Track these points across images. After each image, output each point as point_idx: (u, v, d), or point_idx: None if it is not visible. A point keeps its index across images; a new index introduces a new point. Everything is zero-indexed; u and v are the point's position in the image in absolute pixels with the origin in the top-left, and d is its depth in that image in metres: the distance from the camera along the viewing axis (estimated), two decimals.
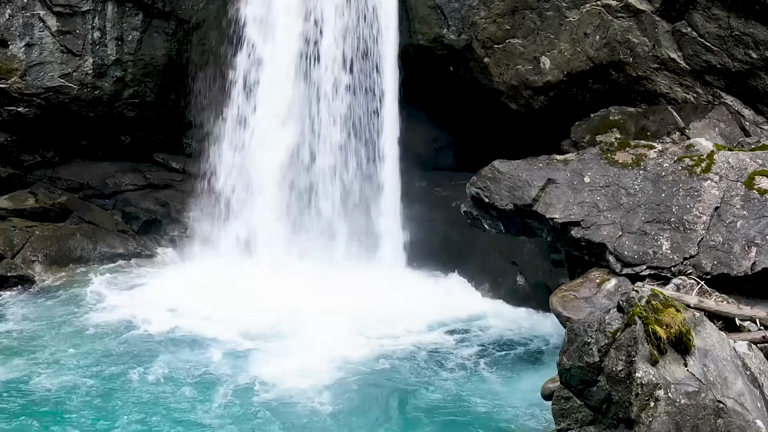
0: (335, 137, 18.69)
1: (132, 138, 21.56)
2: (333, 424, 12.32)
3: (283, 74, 18.90)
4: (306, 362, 14.08)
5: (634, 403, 9.06)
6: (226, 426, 12.06)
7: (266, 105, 19.05)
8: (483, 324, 16.28)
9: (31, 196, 19.83)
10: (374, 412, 12.83)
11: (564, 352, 9.77)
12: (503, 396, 13.20)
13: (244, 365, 14.19)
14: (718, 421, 9.26)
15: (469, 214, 14.48)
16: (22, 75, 20.00)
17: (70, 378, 13.56)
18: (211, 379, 13.67)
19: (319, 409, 12.70)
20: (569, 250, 13.70)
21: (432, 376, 14.05)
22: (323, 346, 14.59)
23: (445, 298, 17.35)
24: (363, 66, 18.62)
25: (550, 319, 15.56)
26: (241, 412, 12.47)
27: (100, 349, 14.76)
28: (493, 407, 12.81)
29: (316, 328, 15.27)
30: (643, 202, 12.92)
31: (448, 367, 14.48)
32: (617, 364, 9.22)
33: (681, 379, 9.27)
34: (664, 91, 16.14)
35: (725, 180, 12.71)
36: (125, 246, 19.54)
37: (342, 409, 12.75)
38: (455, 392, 13.46)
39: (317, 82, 18.77)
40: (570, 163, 13.61)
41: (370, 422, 12.50)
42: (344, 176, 18.55)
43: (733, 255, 12.11)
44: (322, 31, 18.38)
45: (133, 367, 13.98)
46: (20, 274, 17.64)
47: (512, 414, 12.51)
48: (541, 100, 17.68)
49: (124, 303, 16.89)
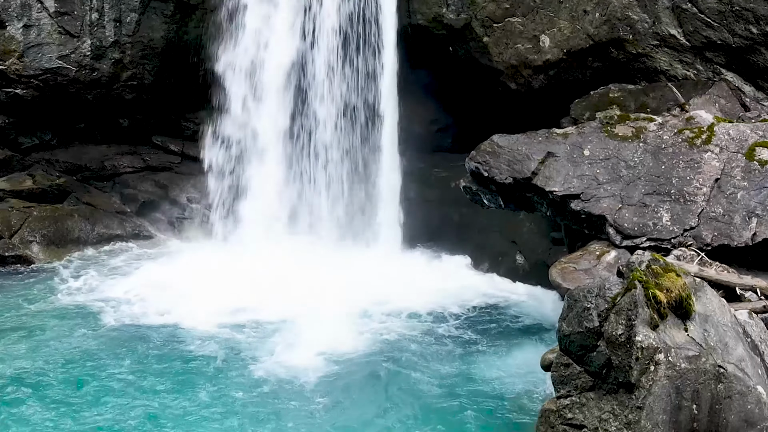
0: (332, 119, 18.61)
1: (130, 121, 21.42)
2: (330, 404, 12.23)
3: (281, 57, 18.79)
4: (302, 342, 14.01)
5: (634, 367, 8.99)
6: (216, 410, 11.89)
7: (264, 86, 18.96)
8: (482, 302, 16.25)
9: (29, 178, 19.74)
10: (373, 389, 12.80)
11: (563, 318, 9.69)
12: (503, 369, 13.19)
13: (234, 347, 14.08)
14: (719, 386, 9.21)
15: (468, 189, 14.41)
16: (20, 56, 19.85)
17: (45, 357, 13.45)
18: (202, 361, 13.55)
19: (318, 390, 12.62)
20: (569, 225, 13.64)
21: (431, 353, 14.01)
22: (319, 327, 14.47)
23: (443, 278, 17.29)
24: (362, 47, 18.53)
25: (550, 296, 15.58)
26: (232, 398, 12.28)
27: (84, 330, 14.69)
28: (493, 381, 12.82)
29: (312, 309, 15.17)
30: (643, 174, 12.86)
31: (447, 344, 14.46)
32: (617, 328, 9.13)
33: (681, 343, 9.21)
34: (664, 68, 16.07)
35: (726, 151, 12.65)
36: (123, 227, 19.48)
37: (340, 389, 12.70)
38: (454, 368, 13.46)
39: (315, 63, 18.68)
40: (570, 137, 13.54)
41: (369, 399, 12.45)
42: (342, 157, 18.45)
43: (734, 226, 12.06)
44: (322, 2, 18.24)
45: (115, 349, 13.80)
46: (18, 254, 17.60)
47: (512, 386, 12.52)
48: (541, 79, 17.61)
49: (119, 283, 16.86)
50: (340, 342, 14.12)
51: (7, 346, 13.86)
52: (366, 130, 18.67)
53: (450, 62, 18.80)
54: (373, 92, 18.67)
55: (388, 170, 18.60)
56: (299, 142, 18.49)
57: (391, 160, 18.64)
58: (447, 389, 12.68)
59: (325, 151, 18.49)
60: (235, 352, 13.90)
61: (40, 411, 11.68)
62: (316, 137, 18.53)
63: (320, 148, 18.48)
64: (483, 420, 11.71)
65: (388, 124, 18.70)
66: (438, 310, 15.84)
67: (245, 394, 12.34)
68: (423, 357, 13.85)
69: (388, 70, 18.66)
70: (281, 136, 18.51)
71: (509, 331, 14.98)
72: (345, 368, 13.30)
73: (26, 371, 12.89)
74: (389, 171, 18.59)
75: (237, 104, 18.83)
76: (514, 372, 13.14)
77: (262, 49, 18.95)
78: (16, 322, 14.98)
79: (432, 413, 11.92)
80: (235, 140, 18.84)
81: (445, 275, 17.42)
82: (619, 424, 9.06)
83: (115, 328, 14.83)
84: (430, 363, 13.62)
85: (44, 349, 13.74)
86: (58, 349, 13.74)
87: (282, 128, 18.48)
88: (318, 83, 18.60)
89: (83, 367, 13.14)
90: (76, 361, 13.34)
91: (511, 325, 15.23)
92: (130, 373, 12.96)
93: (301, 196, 18.73)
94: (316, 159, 18.50)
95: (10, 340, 14.11)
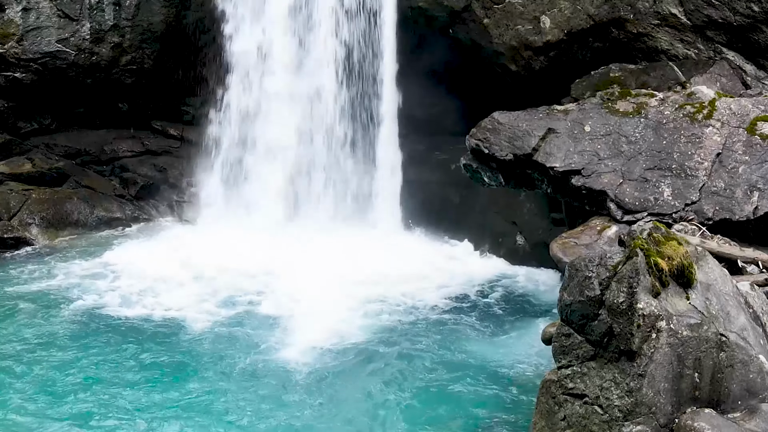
0: (332, 101, 18.58)
1: (130, 105, 21.38)
2: (327, 386, 12.12)
3: (279, 39, 18.75)
4: (299, 324, 13.94)
5: (636, 335, 8.91)
6: (206, 397, 11.71)
7: (264, 70, 18.92)
8: (483, 282, 16.22)
9: (28, 162, 19.72)
10: (372, 370, 12.68)
11: (564, 288, 9.61)
12: (504, 346, 13.19)
13: (228, 329, 13.95)
14: (721, 354, 9.14)
15: (468, 167, 14.36)
16: (19, 40, 19.81)
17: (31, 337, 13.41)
18: (193, 345, 13.40)
19: (314, 372, 12.50)
20: (569, 202, 13.60)
21: (431, 333, 13.97)
22: (317, 308, 14.46)
23: (444, 259, 17.28)
24: (362, 30, 18.49)
25: (551, 275, 15.56)
26: (229, 378, 12.17)
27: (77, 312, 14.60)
28: (493, 357, 12.79)
29: (310, 290, 15.15)
30: (644, 149, 12.82)
31: (447, 323, 14.43)
32: (618, 296, 9.05)
33: (683, 311, 9.13)
34: (665, 47, 16.01)
35: (727, 126, 12.60)
36: (123, 210, 19.44)
37: (337, 370, 12.61)
38: (455, 346, 13.43)
39: (314, 46, 18.66)
40: (570, 113, 13.49)
41: (368, 381, 12.34)
42: (342, 138, 18.42)
43: (735, 200, 12.01)
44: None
45: (99, 334, 13.62)
46: (16, 235, 17.57)
47: (513, 361, 12.51)
48: (541, 60, 17.54)
49: (116, 265, 16.77)
50: (338, 323, 14.06)
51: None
52: (366, 113, 18.61)
53: (450, 45, 18.72)
54: (374, 76, 18.62)
55: (389, 152, 18.55)
56: (299, 119, 18.43)
57: (392, 143, 18.59)
58: (447, 369, 12.60)
59: (325, 134, 18.44)
60: (229, 335, 13.75)
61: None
62: (317, 120, 18.49)
63: (321, 132, 18.42)
64: (484, 396, 11.68)
65: (388, 107, 18.65)
66: (438, 291, 15.77)
67: (237, 379, 12.19)
68: (423, 337, 13.79)
69: (388, 52, 18.62)
70: (282, 116, 18.44)
71: (510, 311, 14.94)
72: (343, 350, 13.20)
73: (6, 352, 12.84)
74: (389, 153, 18.55)
75: (237, 85, 18.74)
76: (515, 350, 13.11)
77: (260, 33, 18.93)
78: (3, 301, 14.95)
79: (432, 392, 11.88)
80: (235, 120, 18.77)
81: (445, 257, 17.41)
82: (621, 392, 8.98)
83: (104, 312, 14.59)
84: (430, 343, 13.55)
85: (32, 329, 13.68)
86: (44, 330, 13.66)
87: (281, 110, 18.42)
88: (318, 66, 18.57)
89: (66, 348, 13.04)
90: (57, 342, 13.24)
91: (511, 305, 15.18)
92: (114, 357, 12.75)
93: (301, 178, 18.66)
94: (317, 139, 18.44)
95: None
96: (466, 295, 15.65)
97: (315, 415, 11.20)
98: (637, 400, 8.77)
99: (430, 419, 11.10)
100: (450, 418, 11.16)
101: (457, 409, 11.37)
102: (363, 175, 18.64)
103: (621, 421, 8.78)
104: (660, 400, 8.79)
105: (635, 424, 8.72)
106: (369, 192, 18.53)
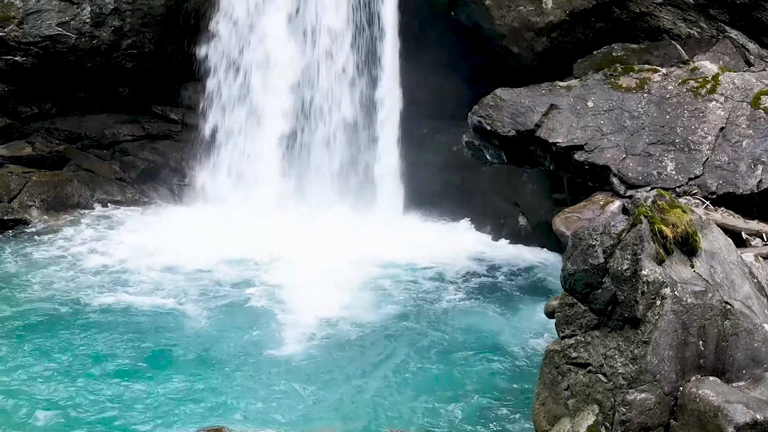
0: (333, 84, 18.54)
1: (130, 90, 21.29)
2: (328, 362, 12.12)
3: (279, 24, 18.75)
4: (299, 304, 13.90)
5: (640, 302, 8.85)
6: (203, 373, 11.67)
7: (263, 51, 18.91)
8: (485, 263, 16.22)
9: (29, 145, 19.67)
10: (373, 346, 12.72)
11: (568, 257, 9.55)
12: (506, 323, 13.23)
13: (228, 310, 13.91)
14: (726, 322, 9.09)
15: (470, 144, 14.31)
16: (20, 23, 19.72)
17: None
18: (190, 322, 13.41)
19: (316, 350, 12.50)
20: (572, 178, 13.55)
21: (433, 312, 13.99)
22: (319, 289, 14.40)
23: (446, 241, 17.25)
24: (363, 11, 18.44)
25: (553, 255, 15.54)
26: (228, 359, 12.09)
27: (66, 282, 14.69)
28: (495, 332, 12.87)
29: (311, 273, 15.10)
30: (648, 124, 12.77)
31: (449, 301, 14.45)
32: (622, 263, 9.00)
33: (687, 278, 9.08)
34: (668, 26, 15.93)
35: (731, 100, 12.54)
36: (123, 193, 19.41)
37: (340, 347, 12.61)
38: (457, 322, 13.48)
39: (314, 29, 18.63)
40: (573, 89, 13.45)
41: (369, 356, 12.38)
42: (341, 120, 18.39)
43: (739, 174, 11.97)
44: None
45: (99, 315, 13.55)
46: (17, 217, 17.50)
47: (515, 337, 12.55)
48: (543, 41, 17.43)
49: (115, 244, 16.76)
50: (339, 303, 14.04)
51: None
52: (367, 96, 18.57)
53: (452, 27, 18.65)
54: (374, 59, 18.58)
55: (390, 135, 18.49)
56: (299, 102, 18.38)
57: (393, 126, 18.54)
58: (449, 343, 12.68)
59: (326, 113, 18.40)
60: (225, 316, 13.70)
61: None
62: (317, 101, 18.44)
63: (321, 112, 18.37)
64: (486, 370, 11.75)
65: (389, 90, 18.61)
66: (440, 272, 15.79)
67: (234, 357, 12.15)
68: (425, 315, 13.84)
69: (390, 35, 18.57)
70: (281, 97, 18.39)
71: (512, 290, 14.94)
72: (345, 328, 13.20)
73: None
74: (391, 136, 18.49)
75: (236, 66, 18.73)
76: (517, 326, 13.12)
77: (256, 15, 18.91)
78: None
79: (433, 366, 11.92)
80: (235, 101, 18.73)
81: (447, 238, 17.40)
82: (625, 359, 8.93)
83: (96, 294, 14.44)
84: (432, 320, 13.60)
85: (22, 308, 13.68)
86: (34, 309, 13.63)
87: (282, 90, 18.37)
88: (319, 48, 18.53)
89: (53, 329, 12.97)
90: (44, 323, 13.18)
91: (513, 285, 15.17)
92: (100, 341, 12.62)
93: (301, 158, 18.62)
94: (318, 121, 18.40)
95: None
96: (468, 276, 15.63)
97: (316, 393, 11.16)
98: (642, 367, 8.72)
99: (432, 391, 11.14)
100: (451, 391, 11.17)
101: (459, 381, 11.42)
102: (364, 155, 18.58)
103: (625, 388, 8.73)
104: (664, 367, 8.74)
105: (639, 392, 8.67)
106: (370, 173, 18.46)
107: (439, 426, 10.31)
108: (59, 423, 10.18)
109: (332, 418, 10.58)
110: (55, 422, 10.19)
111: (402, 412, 10.63)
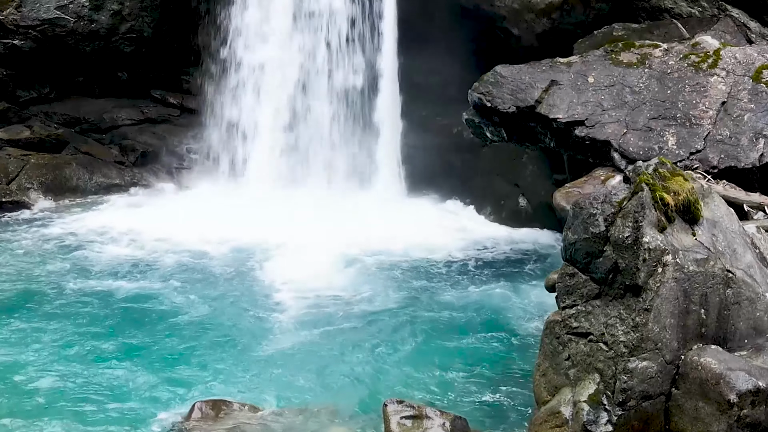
0: (333, 67, 18.50)
1: (129, 74, 21.20)
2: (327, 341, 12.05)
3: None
4: (296, 286, 13.82)
5: (642, 269, 8.77)
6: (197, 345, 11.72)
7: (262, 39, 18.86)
8: (486, 244, 16.16)
9: (27, 129, 19.61)
10: (375, 323, 12.68)
11: (569, 227, 9.48)
12: (505, 300, 13.24)
13: (223, 291, 13.87)
14: (728, 291, 9.02)
15: (470, 122, 14.26)
16: (18, 6, 19.65)
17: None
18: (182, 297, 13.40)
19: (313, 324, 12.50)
20: (572, 156, 13.49)
21: (433, 290, 13.95)
22: (316, 271, 14.37)
23: (446, 223, 17.20)
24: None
25: (554, 236, 15.49)
26: (223, 339, 12.04)
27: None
28: (494, 309, 12.88)
29: (309, 255, 15.05)
30: (649, 99, 12.71)
31: (449, 280, 14.42)
32: (624, 231, 8.92)
33: (689, 246, 9.00)
34: (669, 6, 15.88)
35: (732, 75, 12.49)
36: (122, 177, 19.37)
37: (338, 324, 12.59)
38: (456, 300, 13.45)
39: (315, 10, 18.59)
40: (573, 65, 13.39)
41: (369, 334, 12.31)
42: (342, 101, 18.34)
43: (741, 147, 11.91)
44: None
45: (92, 297, 13.47)
46: (15, 199, 17.50)
47: (514, 312, 12.55)
48: (544, 23, 17.39)
49: (111, 227, 16.70)
50: (338, 282, 14.08)
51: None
52: (368, 77, 18.52)
53: (452, 9, 18.58)
54: (375, 41, 18.54)
55: (391, 118, 18.43)
56: (300, 85, 18.34)
57: (394, 108, 18.49)
58: (448, 322, 12.62)
59: (325, 95, 18.37)
60: (222, 293, 13.72)
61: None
62: (317, 84, 18.39)
63: (321, 93, 18.33)
64: (485, 344, 11.72)
65: (389, 73, 18.55)
66: (440, 252, 15.69)
67: (229, 338, 12.09)
68: (424, 292, 13.82)
69: (389, 18, 18.51)
70: (282, 80, 18.35)
71: (511, 269, 14.90)
72: (342, 307, 13.16)
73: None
74: (391, 118, 18.43)
75: (234, 51, 18.66)
76: (516, 303, 13.09)
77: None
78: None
79: (432, 342, 11.90)
80: (234, 84, 18.70)
81: (447, 219, 17.34)
82: (626, 327, 8.85)
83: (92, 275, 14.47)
84: (431, 299, 13.56)
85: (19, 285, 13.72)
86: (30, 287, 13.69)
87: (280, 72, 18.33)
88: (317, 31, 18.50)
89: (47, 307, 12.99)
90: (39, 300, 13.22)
91: (513, 265, 15.14)
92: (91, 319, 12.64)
93: (301, 140, 18.58)
94: (317, 103, 18.37)
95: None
96: (468, 256, 15.57)
97: (313, 371, 11.11)
98: (643, 335, 8.65)
99: (431, 366, 11.11)
100: (450, 366, 11.14)
101: (459, 356, 11.40)
102: (364, 137, 18.53)
103: (626, 356, 8.67)
104: (666, 335, 8.67)
105: (641, 360, 8.60)
106: (370, 155, 18.43)
107: (439, 397, 10.26)
108: (56, 404, 10.15)
109: (331, 395, 10.54)
110: (52, 404, 10.16)
111: (404, 384, 10.63)
